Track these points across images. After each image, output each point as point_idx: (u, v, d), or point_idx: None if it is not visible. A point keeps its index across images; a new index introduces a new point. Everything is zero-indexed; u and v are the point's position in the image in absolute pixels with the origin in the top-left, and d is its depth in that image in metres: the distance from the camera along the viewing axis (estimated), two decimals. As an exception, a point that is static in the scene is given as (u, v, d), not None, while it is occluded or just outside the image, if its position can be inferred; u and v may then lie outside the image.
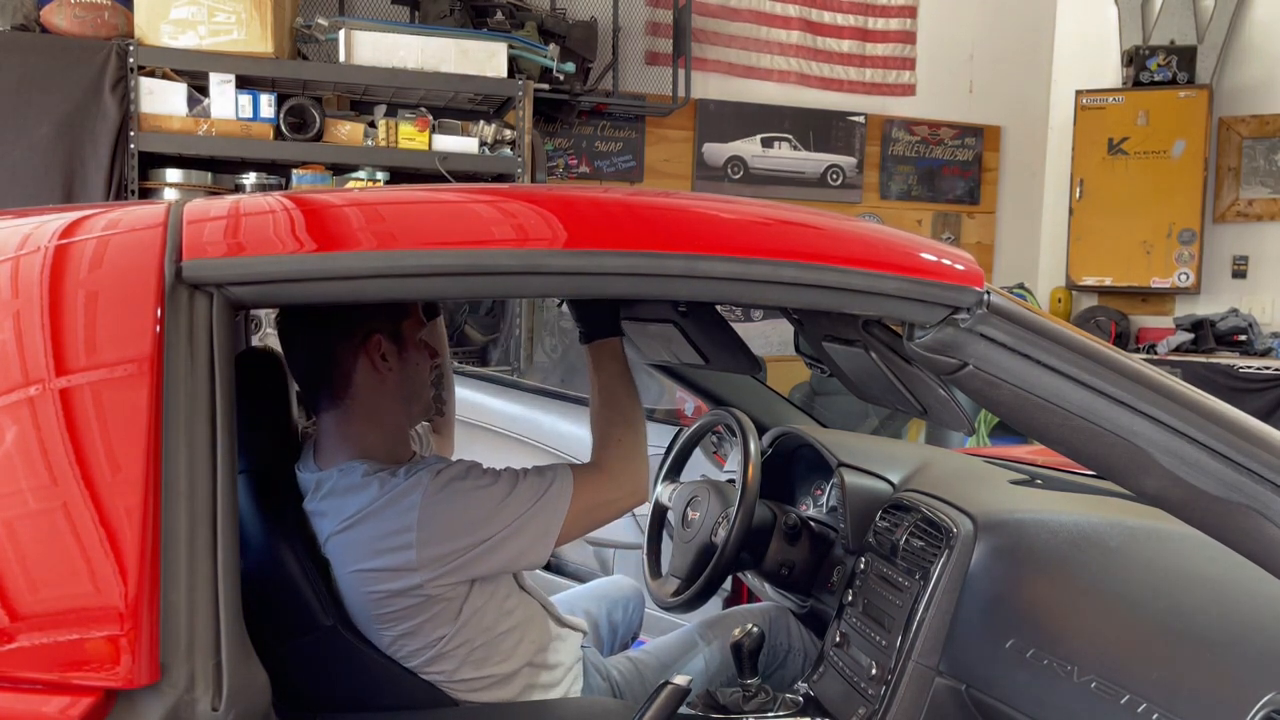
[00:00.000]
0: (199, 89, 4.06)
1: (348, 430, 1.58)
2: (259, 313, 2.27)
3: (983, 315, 1.20)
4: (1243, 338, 5.69)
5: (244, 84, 4.10)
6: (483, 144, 4.44)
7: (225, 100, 4.06)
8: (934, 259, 1.24)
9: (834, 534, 2.02)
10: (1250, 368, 5.33)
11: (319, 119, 4.19)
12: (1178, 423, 1.18)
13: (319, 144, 4.23)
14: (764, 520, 1.97)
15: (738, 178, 5.90)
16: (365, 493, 1.49)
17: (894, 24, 6.19)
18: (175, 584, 1.04)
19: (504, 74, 4.43)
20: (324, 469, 1.56)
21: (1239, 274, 6.02)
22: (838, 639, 1.78)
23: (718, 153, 5.86)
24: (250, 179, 4.24)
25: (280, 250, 1.15)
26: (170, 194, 4.13)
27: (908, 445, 2.72)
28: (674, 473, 2.25)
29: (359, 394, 1.57)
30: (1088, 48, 6.41)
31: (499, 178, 4.49)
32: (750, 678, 1.65)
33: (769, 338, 5.61)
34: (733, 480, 2.08)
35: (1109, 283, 6.14)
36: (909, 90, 6.28)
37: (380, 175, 4.34)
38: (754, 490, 1.89)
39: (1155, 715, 1.25)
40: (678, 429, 2.47)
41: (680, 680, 1.37)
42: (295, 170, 4.28)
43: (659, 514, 2.20)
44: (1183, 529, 1.30)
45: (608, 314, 1.73)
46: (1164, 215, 5.94)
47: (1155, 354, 5.75)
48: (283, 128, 4.15)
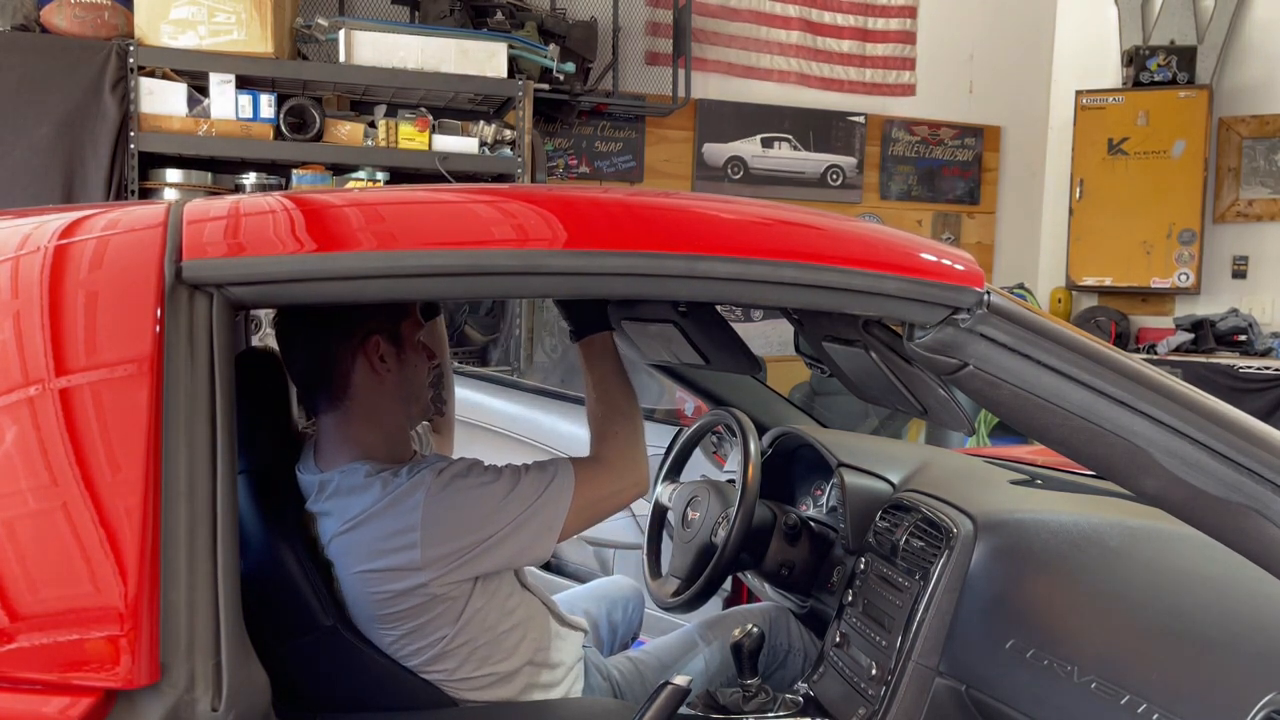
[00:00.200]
0: (199, 89, 4.06)
1: (348, 432, 1.58)
2: (259, 313, 2.26)
3: (983, 315, 1.20)
4: (1243, 338, 5.69)
5: (244, 84, 4.10)
6: (483, 144, 4.44)
7: (225, 100, 4.05)
8: (934, 259, 1.25)
9: (834, 534, 2.02)
10: (1250, 368, 5.33)
11: (319, 119, 4.19)
12: (1178, 423, 1.18)
13: (319, 144, 4.22)
14: (764, 520, 1.97)
15: (738, 178, 5.90)
16: (368, 494, 1.50)
17: (894, 24, 6.19)
18: (175, 584, 1.04)
19: (504, 74, 4.43)
20: (325, 470, 1.56)
21: (1239, 274, 6.02)
22: (838, 639, 1.78)
23: (718, 153, 5.86)
24: (250, 179, 4.24)
25: (280, 250, 1.15)
26: (170, 194, 4.13)
27: (908, 445, 2.72)
28: (674, 473, 2.25)
29: (358, 395, 1.57)
30: (1088, 48, 6.40)
31: (499, 178, 4.49)
32: (750, 678, 1.65)
33: (769, 338, 5.61)
34: (733, 480, 2.08)
35: (1109, 283, 6.14)
36: (909, 90, 6.27)
37: (380, 175, 4.34)
38: (754, 490, 1.89)
39: (1155, 715, 1.25)
40: (678, 429, 2.47)
41: (680, 680, 1.37)
42: (295, 170, 4.28)
43: (659, 514, 2.20)
44: (1183, 529, 1.30)
45: (595, 310, 1.73)
46: (1164, 215, 5.94)
47: (1155, 354, 5.75)
48: (283, 128, 4.14)
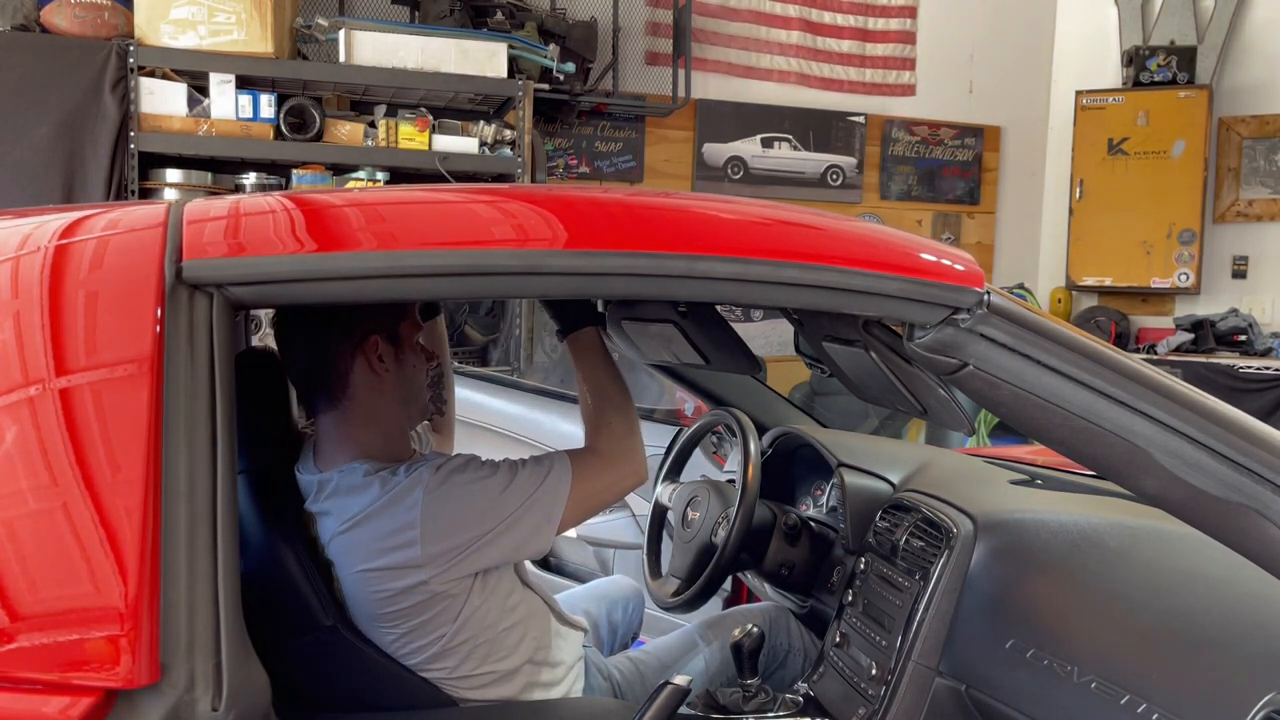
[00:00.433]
0: (199, 89, 4.06)
1: (347, 432, 1.58)
2: (259, 313, 2.27)
3: (983, 315, 1.20)
4: (1243, 338, 5.69)
5: (244, 84, 4.10)
6: (483, 144, 4.44)
7: (225, 100, 4.05)
8: (934, 259, 1.25)
9: (834, 534, 2.02)
10: (1250, 368, 5.33)
11: (319, 119, 4.19)
12: (1178, 423, 1.18)
13: (319, 144, 4.22)
14: (764, 520, 1.97)
15: (738, 178, 5.90)
16: (367, 493, 1.50)
17: (894, 24, 6.19)
18: (175, 584, 1.04)
19: (504, 74, 4.42)
20: (324, 470, 1.56)
21: (1239, 274, 6.02)
22: (838, 639, 1.78)
23: (718, 153, 5.86)
24: (250, 179, 4.24)
25: (280, 250, 1.15)
26: (170, 194, 4.13)
27: (908, 445, 2.72)
28: (674, 473, 2.25)
29: (357, 395, 1.57)
30: (1088, 48, 6.40)
31: (499, 178, 4.49)
32: (750, 678, 1.65)
33: (769, 338, 5.61)
34: (733, 480, 2.08)
35: (1109, 283, 6.14)
36: (909, 90, 6.27)
37: (380, 175, 4.34)
38: (754, 490, 1.89)
39: (1155, 715, 1.25)
40: (678, 429, 2.47)
41: (680, 680, 1.37)
42: (295, 170, 4.28)
43: (659, 514, 2.20)
44: (1183, 529, 1.30)
45: (581, 306, 1.73)
46: (1164, 215, 5.94)
47: (1155, 354, 5.75)
48: (283, 128, 4.14)
